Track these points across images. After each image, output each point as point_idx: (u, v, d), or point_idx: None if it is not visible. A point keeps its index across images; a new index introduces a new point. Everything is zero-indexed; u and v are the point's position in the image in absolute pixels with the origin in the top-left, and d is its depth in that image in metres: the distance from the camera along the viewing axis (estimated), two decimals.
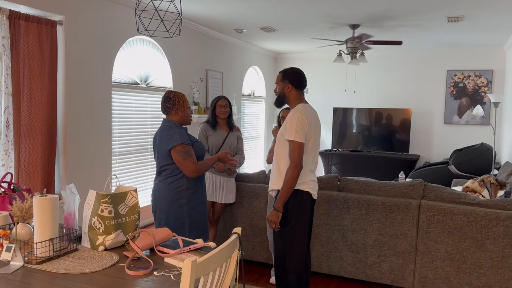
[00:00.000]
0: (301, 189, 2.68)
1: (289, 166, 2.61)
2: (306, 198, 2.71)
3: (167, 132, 2.81)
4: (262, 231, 3.90)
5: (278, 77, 2.87)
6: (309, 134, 2.67)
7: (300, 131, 2.60)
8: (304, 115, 2.65)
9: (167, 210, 2.88)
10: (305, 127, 2.63)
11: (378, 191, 3.56)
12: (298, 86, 2.81)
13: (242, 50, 7.64)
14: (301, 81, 2.81)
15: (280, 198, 2.62)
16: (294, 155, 2.59)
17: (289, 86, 2.79)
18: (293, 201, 2.66)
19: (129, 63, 5.02)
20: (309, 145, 2.70)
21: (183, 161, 2.75)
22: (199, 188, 2.93)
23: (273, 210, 2.64)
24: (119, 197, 2.22)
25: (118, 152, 4.90)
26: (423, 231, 3.39)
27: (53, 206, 1.97)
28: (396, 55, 8.03)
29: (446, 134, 7.84)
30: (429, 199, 3.45)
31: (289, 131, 2.62)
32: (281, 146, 2.73)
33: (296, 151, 2.59)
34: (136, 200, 2.29)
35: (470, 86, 7.60)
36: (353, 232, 3.58)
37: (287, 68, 2.86)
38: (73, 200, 2.32)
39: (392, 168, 7.46)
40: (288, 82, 2.80)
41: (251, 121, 8.26)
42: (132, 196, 2.29)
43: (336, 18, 5.39)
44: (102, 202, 2.11)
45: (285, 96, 2.82)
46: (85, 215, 2.17)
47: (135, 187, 2.31)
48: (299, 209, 2.69)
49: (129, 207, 2.25)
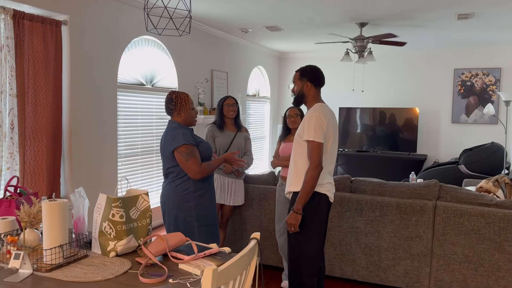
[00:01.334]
0: (318, 191, 2.60)
1: (308, 167, 2.52)
2: (323, 201, 2.63)
3: (171, 133, 2.75)
4: (272, 234, 3.81)
5: (296, 76, 2.80)
6: (327, 134, 2.59)
7: (319, 130, 2.52)
8: (323, 114, 2.58)
9: (175, 213, 2.80)
10: (323, 127, 2.54)
11: (392, 192, 3.48)
12: (318, 83, 2.74)
13: (247, 50, 7.56)
14: (320, 79, 2.75)
15: (299, 199, 2.53)
16: (314, 156, 2.51)
17: (308, 84, 2.71)
18: (310, 204, 2.58)
19: (134, 64, 4.95)
20: (327, 145, 2.61)
21: (186, 162, 2.68)
22: (207, 190, 2.85)
23: (292, 213, 2.55)
24: (130, 201, 2.14)
25: (124, 154, 4.83)
26: (439, 233, 3.30)
27: (62, 211, 1.90)
28: (402, 53, 7.94)
29: (454, 134, 7.74)
30: (444, 200, 3.36)
31: (308, 131, 2.54)
32: (299, 146, 2.65)
33: (316, 151, 2.51)
34: (147, 204, 2.21)
35: (478, 84, 7.50)
36: (367, 234, 3.49)
37: (304, 66, 2.79)
38: (83, 204, 2.24)
39: (400, 168, 7.37)
40: (307, 80, 2.72)
41: (256, 121, 8.18)
42: (144, 199, 2.20)
43: (344, 16, 5.31)
44: (113, 206, 2.03)
45: (304, 95, 2.74)
46: (95, 220, 2.09)
47: (147, 190, 2.23)
48: (316, 212, 2.61)
49: (141, 211, 2.17)
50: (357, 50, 5.71)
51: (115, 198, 2.05)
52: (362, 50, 5.69)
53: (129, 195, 2.19)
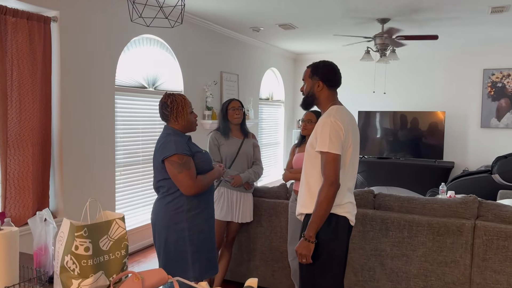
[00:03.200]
0: (336, 213, 2.13)
1: (322, 184, 2.05)
2: (342, 225, 2.16)
3: (163, 140, 2.37)
4: (283, 255, 3.36)
5: (306, 73, 2.32)
6: (346, 144, 2.13)
7: (335, 139, 2.06)
8: (340, 119, 2.11)
9: (165, 235, 2.39)
10: (341, 135, 2.08)
11: (423, 210, 2.99)
12: (331, 83, 2.26)
13: (259, 50, 7.14)
14: (334, 78, 2.27)
15: (312, 224, 2.06)
16: (329, 170, 2.04)
17: (320, 84, 2.24)
18: (326, 229, 2.11)
19: (134, 65, 4.57)
20: (346, 157, 2.15)
21: (178, 175, 2.28)
22: (204, 208, 2.43)
23: (303, 241, 2.08)
24: (100, 228, 1.72)
25: (122, 163, 4.44)
26: (479, 259, 2.80)
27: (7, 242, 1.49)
28: (427, 53, 7.40)
29: (483, 139, 7.15)
30: (485, 219, 2.86)
31: (321, 140, 2.08)
32: (311, 159, 2.19)
33: (331, 165, 2.04)
34: (123, 231, 1.79)
35: (510, 86, 6.91)
36: (393, 258, 3.01)
37: (317, 62, 2.32)
38: (46, 231, 1.83)
39: (425, 177, 6.82)
40: (319, 79, 2.25)
41: (269, 126, 7.74)
42: (118, 226, 1.78)
43: (364, 11, 4.84)
44: (76, 237, 1.62)
45: (315, 96, 2.27)
46: (57, 252, 1.68)
47: (122, 214, 1.81)
48: (334, 238, 2.14)
49: (114, 241, 1.75)
50: (379, 48, 5.23)
51: (79, 226, 1.63)
52: (383, 48, 5.21)
53: (100, 220, 1.78)
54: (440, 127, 7.01)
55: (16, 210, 3.37)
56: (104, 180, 4.12)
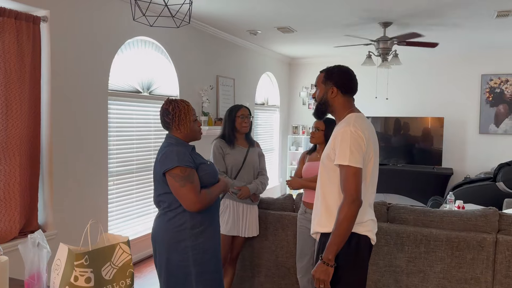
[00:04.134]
0: (358, 233, 1.94)
1: (343, 202, 1.85)
2: (363, 245, 1.96)
3: (164, 150, 2.16)
4: (291, 271, 3.15)
5: (319, 78, 2.13)
6: (367, 156, 1.94)
7: (357, 152, 1.86)
8: (360, 129, 1.92)
9: (166, 256, 2.18)
10: (362, 146, 1.89)
11: (441, 223, 2.82)
12: (347, 89, 2.07)
13: (255, 54, 6.95)
14: (350, 83, 2.08)
15: (331, 246, 1.85)
16: (351, 186, 1.84)
17: (334, 90, 2.05)
18: (346, 250, 1.91)
19: (128, 68, 4.34)
20: (367, 170, 1.96)
21: (180, 189, 2.07)
22: (209, 225, 2.22)
23: (321, 264, 1.87)
24: (102, 255, 1.51)
25: (116, 172, 4.20)
26: (502, 275, 2.64)
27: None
28: (426, 58, 7.29)
29: (481, 145, 7.06)
30: (507, 233, 2.70)
31: (341, 152, 1.88)
32: (328, 172, 1.99)
33: (353, 180, 1.84)
34: (127, 256, 1.58)
35: (508, 91, 6.84)
36: (409, 275, 2.83)
37: (331, 67, 2.13)
38: (39, 257, 1.61)
39: (424, 184, 6.69)
40: (333, 85, 2.06)
41: (265, 132, 7.55)
42: (123, 251, 1.57)
43: (366, 15, 4.69)
44: (76, 266, 1.41)
45: (328, 103, 2.08)
46: (53, 283, 1.47)
47: (127, 237, 1.59)
48: (355, 261, 1.94)
49: (118, 268, 1.54)
50: (380, 53, 5.08)
51: (79, 254, 1.42)
52: (385, 53, 5.06)
53: (102, 245, 1.56)
54: (439, 133, 6.90)
55: (1, 225, 3.12)
56: (97, 190, 3.88)
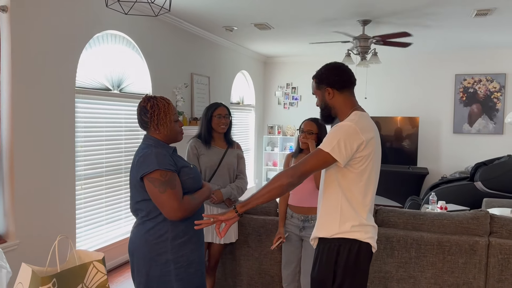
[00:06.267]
0: (359, 239, 1.80)
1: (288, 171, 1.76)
2: (364, 252, 1.83)
3: (142, 152, 1.94)
4: (275, 279, 2.98)
5: (313, 86, 2.03)
6: (366, 157, 1.80)
7: (344, 147, 1.74)
8: (359, 126, 1.79)
9: (146, 270, 1.95)
10: (354, 146, 1.75)
11: (432, 226, 2.71)
12: (342, 85, 1.93)
13: (231, 52, 6.75)
14: (342, 78, 1.94)
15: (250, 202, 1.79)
16: (306, 164, 1.76)
17: (330, 90, 1.94)
18: (347, 256, 1.79)
19: (97, 64, 4.05)
20: (364, 170, 1.82)
21: (160, 195, 1.85)
22: (193, 235, 2.02)
23: (233, 210, 1.81)
24: (73, 276, 1.29)
25: (84, 176, 3.91)
26: (494, 279, 2.56)
27: None
28: (400, 58, 7.28)
29: (455, 145, 7.11)
30: (499, 236, 2.62)
31: (328, 140, 1.78)
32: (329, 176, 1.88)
33: (314, 161, 1.76)
34: (102, 276, 1.36)
35: (481, 91, 6.91)
36: (399, 281, 2.71)
37: (319, 69, 2.02)
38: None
39: (400, 183, 6.67)
40: (327, 86, 1.94)
41: (240, 132, 7.36)
42: (97, 271, 1.36)
43: (346, 12, 4.57)
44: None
45: (329, 106, 1.96)
46: None
47: (102, 255, 1.38)
48: (355, 268, 1.81)
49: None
50: (360, 51, 4.99)
51: (45, 278, 1.19)
52: (365, 51, 4.97)
53: (72, 264, 1.34)
54: (414, 133, 6.91)
55: None
56: (63, 195, 3.59)
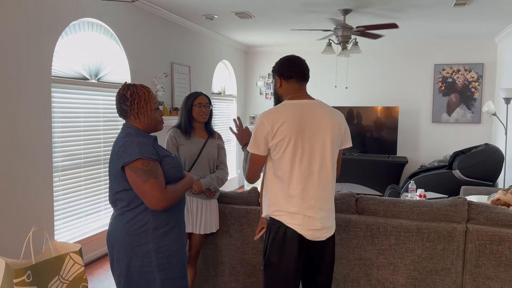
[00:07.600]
0: (283, 223, 1.99)
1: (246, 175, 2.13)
2: (291, 238, 1.99)
3: (122, 141, 1.89)
4: (256, 268, 2.98)
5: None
6: (278, 144, 1.98)
7: (254, 140, 2.01)
8: (268, 115, 1.99)
9: (126, 262, 1.91)
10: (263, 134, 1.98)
11: (411, 214, 2.74)
12: (289, 75, 2.10)
13: (211, 41, 6.68)
14: (290, 69, 2.10)
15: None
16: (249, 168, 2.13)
17: (278, 80, 2.14)
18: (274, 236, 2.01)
19: (74, 53, 3.95)
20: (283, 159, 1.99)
21: (143, 185, 1.81)
22: (174, 225, 1.99)
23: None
24: (49, 268, 1.25)
25: (61, 167, 3.83)
26: (472, 265, 2.60)
27: None
28: (380, 48, 7.33)
29: (434, 134, 7.23)
30: (477, 222, 2.66)
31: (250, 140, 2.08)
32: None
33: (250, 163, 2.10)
34: (80, 268, 1.33)
35: (459, 81, 7.02)
36: (379, 268, 2.74)
37: None
38: None
39: (379, 172, 6.76)
40: (277, 75, 2.14)
41: (221, 122, 7.31)
42: (74, 262, 1.33)
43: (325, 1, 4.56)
44: (16, 285, 1.14)
45: (277, 94, 2.17)
46: None
47: (78, 246, 1.34)
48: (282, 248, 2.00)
49: (69, 282, 1.30)
50: (340, 40, 4.99)
51: (19, 270, 1.15)
52: (345, 40, 4.98)
53: (48, 256, 1.30)
54: (394, 123, 6.98)
55: None
56: (40, 187, 3.51)
